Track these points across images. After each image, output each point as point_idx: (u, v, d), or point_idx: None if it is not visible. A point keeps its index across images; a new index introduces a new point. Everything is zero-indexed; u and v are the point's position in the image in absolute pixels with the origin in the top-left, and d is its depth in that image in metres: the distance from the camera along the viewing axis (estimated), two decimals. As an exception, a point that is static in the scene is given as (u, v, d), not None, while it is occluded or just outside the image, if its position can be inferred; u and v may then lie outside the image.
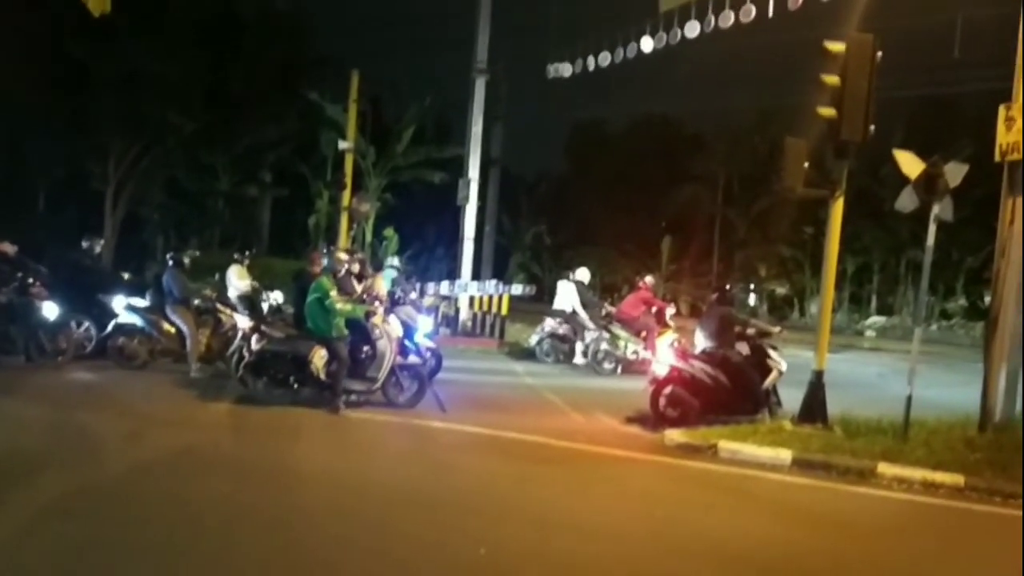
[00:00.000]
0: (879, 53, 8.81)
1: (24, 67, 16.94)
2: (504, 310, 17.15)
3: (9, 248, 11.27)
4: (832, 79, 8.83)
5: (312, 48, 24.51)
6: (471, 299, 17.91)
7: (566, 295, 14.80)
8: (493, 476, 7.17)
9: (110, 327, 11.25)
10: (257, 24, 21.62)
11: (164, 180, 23.99)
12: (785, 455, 8.01)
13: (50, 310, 11.05)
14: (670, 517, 6.27)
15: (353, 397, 9.52)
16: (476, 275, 19.57)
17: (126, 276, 13.62)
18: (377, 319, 9.60)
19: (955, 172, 8.89)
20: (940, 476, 7.52)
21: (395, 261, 14.66)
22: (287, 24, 23.33)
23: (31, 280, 11.13)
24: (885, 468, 7.69)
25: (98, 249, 12.90)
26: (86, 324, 11.44)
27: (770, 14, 11.47)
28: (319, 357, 9.19)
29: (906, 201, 9.09)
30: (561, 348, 14.77)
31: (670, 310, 14.31)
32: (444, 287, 17.87)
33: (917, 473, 7.59)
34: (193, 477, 6.45)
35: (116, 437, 7.72)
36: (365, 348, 9.56)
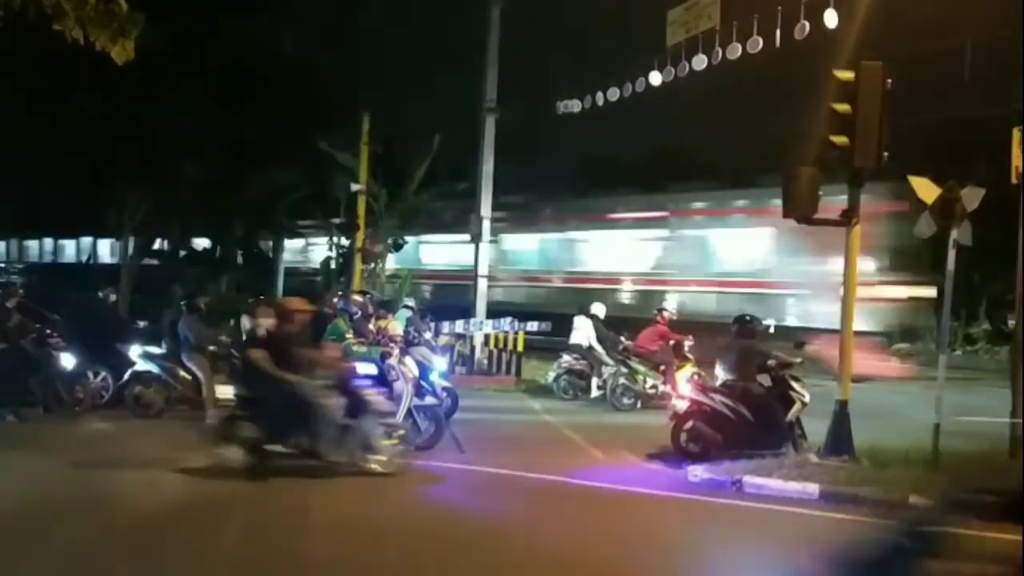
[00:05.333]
0: (889, 80, 8.82)
1: (38, 124, 17.26)
2: (520, 347, 17.06)
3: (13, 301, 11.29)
4: (843, 107, 8.82)
5: (322, 94, 24.85)
6: (486, 337, 17.84)
7: (582, 330, 14.71)
8: (514, 518, 7.06)
9: (127, 376, 11.26)
10: (266, 73, 21.96)
11: (179, 228, 24.25)
12: (812, 488, 7.86)
13: (67, 360, 11.10)
14: (696, 557, 6.14)
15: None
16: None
17: (142, 324, 13.65)
18: (393, 360, 9.55)
19: (972, 196, 8.83)
20: (973, 507, 7.35)
21: (409, 301, 14.64)
22: (297, 72, 23.68)
23: (48, 331, 11.19)
24: (916, 499, 7.48)
25: (113, 298, 12.95)
26: (103, 374, 11.46)
27: (777, 44, 11.53)
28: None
29: (924, 227, 9.03)
30: (578, 384, 14.63)
31: (688, 343, 14.15)
32: (459, 325, 17.82)
33: (950, 504, 7.42)
34: (211, 527, 6.40)
35: (134, 488, 7.71)
36: (381, 390, 9.50)
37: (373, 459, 8.21)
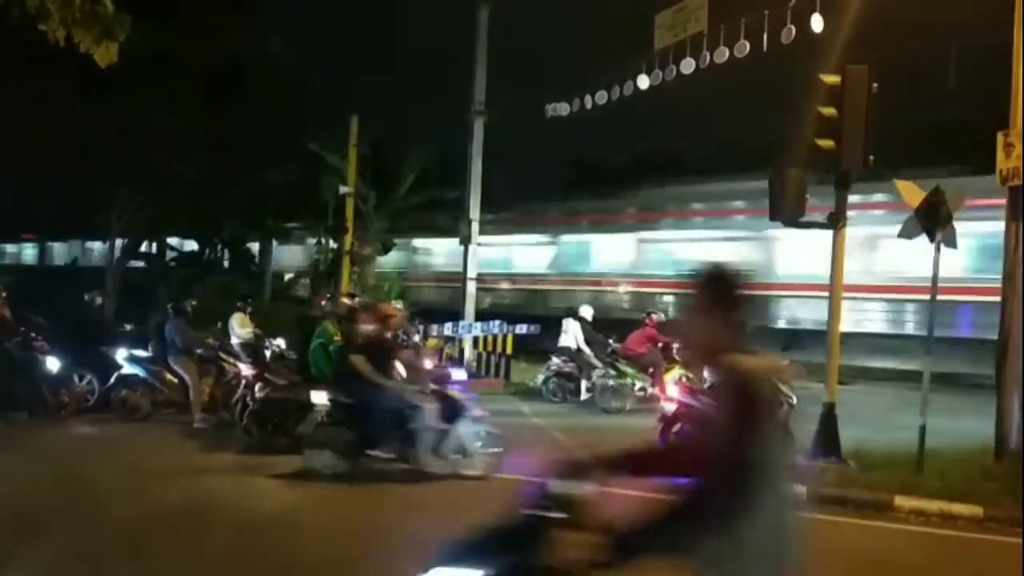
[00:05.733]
0: (875, 84, 8.88)
1: (24, 124, 17.17)
2: (509, 349, 17.05)
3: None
4: (829, 111, 8.87)
5: (313, 95, 24.83)
6: (475, 339, 17.82)
7: (571, 332, 14.72)
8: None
9: (113, 379, 11.19)
10: (257, 75, 21.90)
11: (166, 230, 24.17)
12: (800, 490, 7.85)
13: (53, 364, 11.03)
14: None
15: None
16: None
17: (128, 327, 13.57)
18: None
19: (957, 199, 8.88)
20: (958, 507, 7.44)
21: (398, 304, 14.59)
22: (288, 73, 23.63)
23: (33, 334, 11.11)
24: (902, 501, 7.59)
25: (100, 300, 12.86)
26: (88, 377, 11.39)
27: (764, 47, 11.57)
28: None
29: (909, 230, 9.07)
30: (567, 386, 14.63)
31: (676, 345, 14.15)
32: (448, 328, 17.80)
33: (934, 505, 7.50)
34: (198, 530, 6.39)
35: (120, 491, 7.68)
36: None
37: (468, 464, 8.25)
